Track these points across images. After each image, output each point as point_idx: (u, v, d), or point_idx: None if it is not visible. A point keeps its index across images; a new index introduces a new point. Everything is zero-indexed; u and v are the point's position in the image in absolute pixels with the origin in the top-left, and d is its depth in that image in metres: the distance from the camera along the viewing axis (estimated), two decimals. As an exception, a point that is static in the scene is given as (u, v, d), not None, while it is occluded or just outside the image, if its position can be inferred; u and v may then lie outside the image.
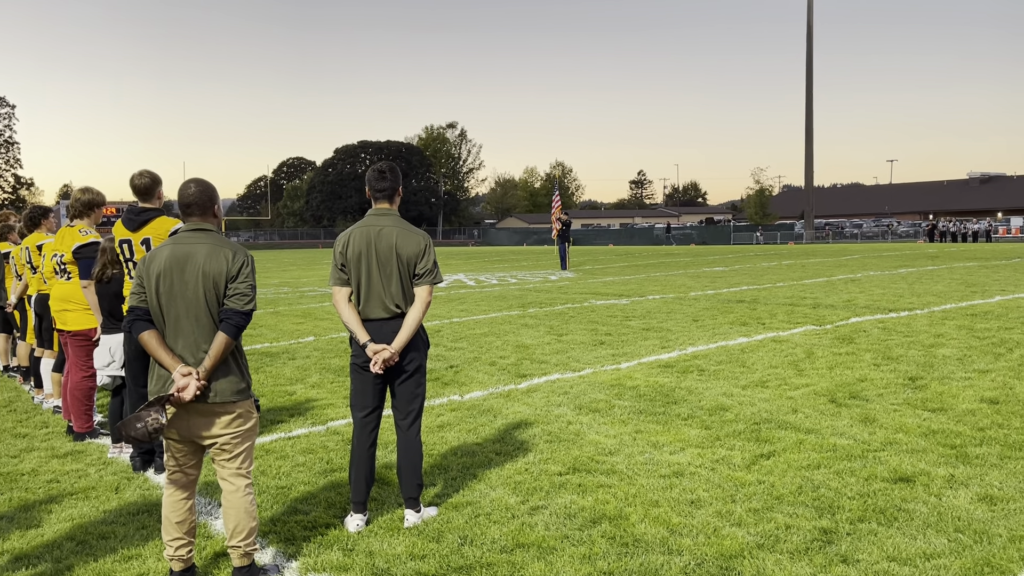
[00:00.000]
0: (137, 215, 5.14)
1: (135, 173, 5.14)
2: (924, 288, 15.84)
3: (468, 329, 11.47)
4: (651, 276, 22.22)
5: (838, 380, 7.09)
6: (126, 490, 4.83)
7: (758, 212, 77.80)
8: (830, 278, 19.51)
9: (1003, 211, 76.05)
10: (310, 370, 8.55)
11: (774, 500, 4.24)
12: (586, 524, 4.02)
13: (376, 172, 4.18)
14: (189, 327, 3.35)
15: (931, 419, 5.70)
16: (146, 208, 5.16)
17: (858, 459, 4.86)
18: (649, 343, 9.62)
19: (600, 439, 5.50)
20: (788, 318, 11.53)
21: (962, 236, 53.99)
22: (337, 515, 4.27)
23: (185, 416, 3.35)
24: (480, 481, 4.73)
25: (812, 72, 65.25)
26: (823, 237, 65.56)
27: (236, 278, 3.37)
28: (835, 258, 30.29)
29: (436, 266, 4.15)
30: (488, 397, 6.96)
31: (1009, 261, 25.15)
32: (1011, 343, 8.70)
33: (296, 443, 5.69)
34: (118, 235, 5.22)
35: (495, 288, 19.44)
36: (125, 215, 5.22)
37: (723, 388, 6.93)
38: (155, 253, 3.43)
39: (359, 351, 4.09)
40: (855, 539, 3.72)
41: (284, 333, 11.72)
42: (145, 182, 5.14)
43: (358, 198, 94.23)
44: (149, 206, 5.17)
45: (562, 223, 28.16)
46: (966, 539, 3.66)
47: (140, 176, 5.13)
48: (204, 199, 3.47)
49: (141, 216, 5.14)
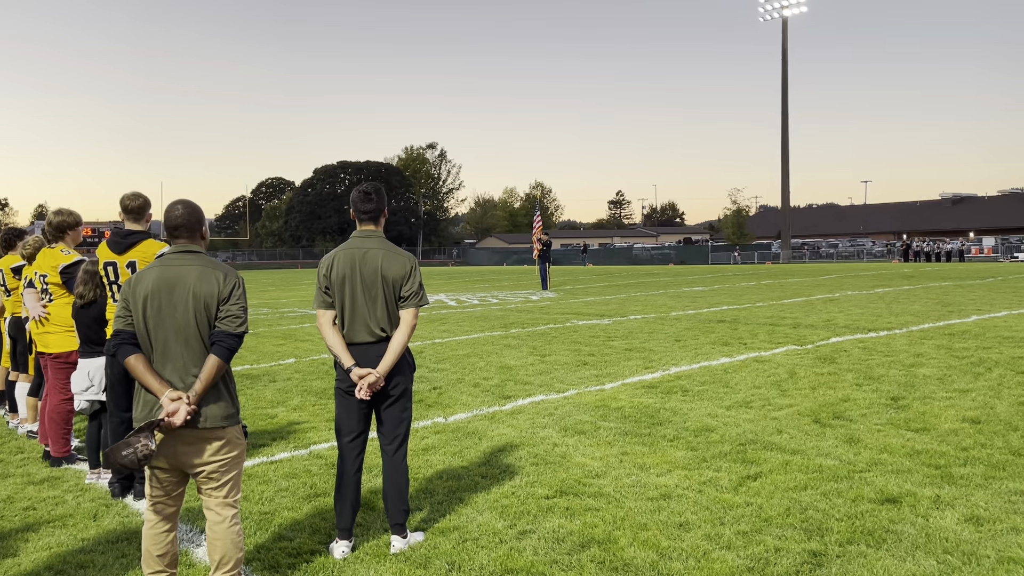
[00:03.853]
0: (124, 237, 5.07)
1: (127, 194, 5.10)
2: (901, 308, 16.00)
3: (451, 350, 11.41)
4: (632, 296, 22.29)
5: (821, 400, 7.12)
6: (105, 517, 4.72)
7: (736, 232, 78.50)
8: (809, 298, 19.66)
9: (975, 231, 77.19)
10: (291, 392, 8.46)
11: (763, 522, 4.22)
12: (575, 548, 3.98)
13: (361, 193, 4.14)
14: (178, 351, 3.27)
15: (915, 439, 5.72)
16: (133, 231, 5.10)
17: (844, 480, 4.86)
18: (632, 363, 9.61)
19: (586, 461, 5.47)
20: (769, 338, 11.59)
21: (936, 256, 54.73)
22: (322, 541, 4.19)
23: (172, 443, 3.26)
24: (467, 505, 4.68)
25: (787, 94, 66.21)
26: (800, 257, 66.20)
27: (228, 300, 3.31)
28: (813, 278, 30.57)
29: (422, 288, 4.11)
30: (473, 419, 6.91)
31: (983, 281, 25.50)
32: (989, 362, 8.79)
33: (279, 467, 5.61)
34: (102, 257, 5.14)
35: (477, 308, 19.40)
36: (111, 237, 5.15)
37: (707, 409, 6.93)
38: (141, 275, 3.36)
39: (344, 375, 4.03)
40: (845, 562, 3.70)
41: (264, 355, 11.60)
42: (138, 204, 5.09)
43: (337, 218, 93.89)
44: (137, 228, 5.11)
45: (542, 243, 28.22)
46: (955, 560, 3.66)
47: (133, 198, 5.09)
48: (192, 220, 3.41)
49: (128, 239, 5.07)
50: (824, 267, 45.99)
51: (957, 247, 56.71)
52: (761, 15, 66.60)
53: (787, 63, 65.86)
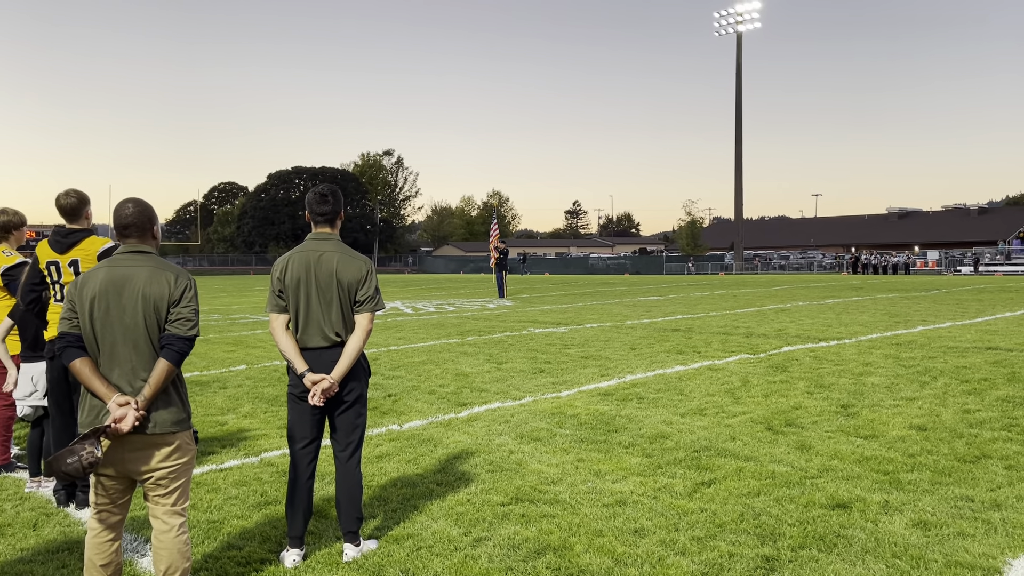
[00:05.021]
0: (65, 236, 4.92)
1: (61, 193, 4.92)
2: (851, 318, 16.33)
3: (406, 357, 11.32)
4: (588, 305, 22.39)
5: (774, 408, 7.21)
6: (45, 527, 4.56)
7: (690, 243, 79.58)
8: (761, 308, 19.97)
9: (920, 245, 79.35)
10: (242, 399, 8.29)
11: (716, 528, 4.25)
12: (530, 555, 3.95)
13: (317, 195, 4.07)
14: (126, 354, 3.15)
15: (864, 446, 5.82)
16: (74, 229, 4.95)
17: (796, 486, 4.92)
18: (588, 371, 9.64)
19: (542, 468, 5.45)
20: (723, 347, 11.72)
21: (883, 269, 56.09)
22: (273, 550, 4.10)
23: (120, 449, 3.14)
24: (421, 513, 4.62)
25: (741, 108, 67.35)
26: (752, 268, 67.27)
27: (179, 302, 3.20)
28: (765, 288, 31.07)
29: (378, 292, 4.06)
30: (428, 426, 6.85)
31: (928, 292, 26.19)
32: (935, 371, 9.00)
33: (229, 475, 5.48)
34: (43, 256, 4.98)
35: (433, 316, 19.30)
36: (52, 236, 4.99)
37: (662, 416, 6.97)
38: (88, 276, 3.23)
39: (297, 381, 3.96)
40: (797, 566, 3.74)
41: (215, 361, 11.37)
42: (72, 202, 4.91)
43: (291, 224, 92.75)
44: (77, 227, 4.96)
45: (499, 252, 28.23)
46: (903, 564, 3.72)
47: (67, 196, 4.91)
48: (143, 220, 3.29)
49: (69, 238, 4.92)
50: (776, 278, 46.79)
51: (903, 260, 58.23)
52: (716, 30, 67.76)
53: (741, 77, 67.05)
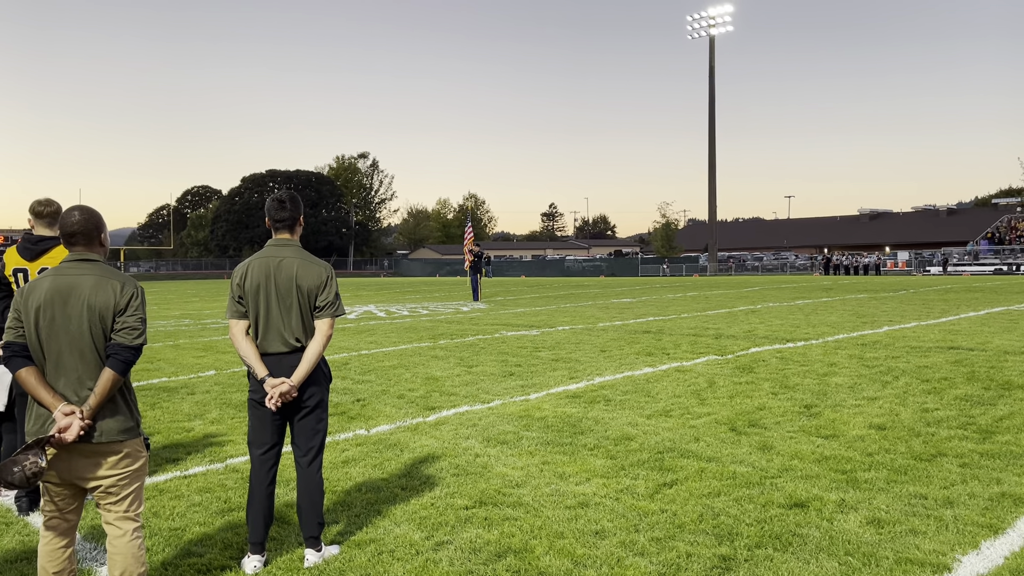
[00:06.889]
0: (35, 244, 4.90)
1: (38, 200, 4.91)
2: (819, 319, 16.54)
3: (377, 361, 11.31)
4: (561, 307, 22.47)
5: (738, 409, 7.30)
6: (3, 536, 4.52)
7: (664, 245, 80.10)
8: (732, 309, 20.15)
9: (890, 246, 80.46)
10: (210, 405, 8.24)
11: (676, 528, 4.30)
12: (491, 558, 3.98)
13: (276, 201, 4.09)
14: (72, 363, 3.14)
15: (824, 445, 5.92)
16: (45, 237, 4.93)
17: (756, 486, 5.00)
18: (558, 374, 9.69)
19: (507, 471, 5.48)
20: (692, 348, 11.83)
21: (854, 269, 56.80)
22: (234, 556, 4.10)
23: (67, 457, 3.13)
24: (384, 517, 4.64)
25: (715, 111, 67.92)
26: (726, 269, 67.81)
27: (125, 311, 3.19)
28: (737, 290, 31.34)
29: (338, 298, 4.07)
30: (395, 431, 6.85)
31: (896, 293, 26.57)
32: (897, 371, 9.15)
33: (192, 482, 5.46)
34: (11, 263, 4.94)
35: (406, 319, 19.27)
36: (22, 243, 4.96)
37: (628, 418, 7.03)
38: (34, 284, 3.21)
39: (257, 386, 3.96)
40: (752, 565, 3.80)
41: (184, 367, 11.29)
42: (51, 209, 4.92)
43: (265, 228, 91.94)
44: (48, 234, 4.94)
45: (474, 255, 28.25)
46: (855, 562, 3.80)
47: (46, 203, 4.91)
48: (89, 227, 3.27)
49: (40, 245, 4.89)
50: (748, 279, 47.22)
51: (874, 261, 59.02)
52: (689, 33, 68.31)
53: (714, 80, 67.65)
